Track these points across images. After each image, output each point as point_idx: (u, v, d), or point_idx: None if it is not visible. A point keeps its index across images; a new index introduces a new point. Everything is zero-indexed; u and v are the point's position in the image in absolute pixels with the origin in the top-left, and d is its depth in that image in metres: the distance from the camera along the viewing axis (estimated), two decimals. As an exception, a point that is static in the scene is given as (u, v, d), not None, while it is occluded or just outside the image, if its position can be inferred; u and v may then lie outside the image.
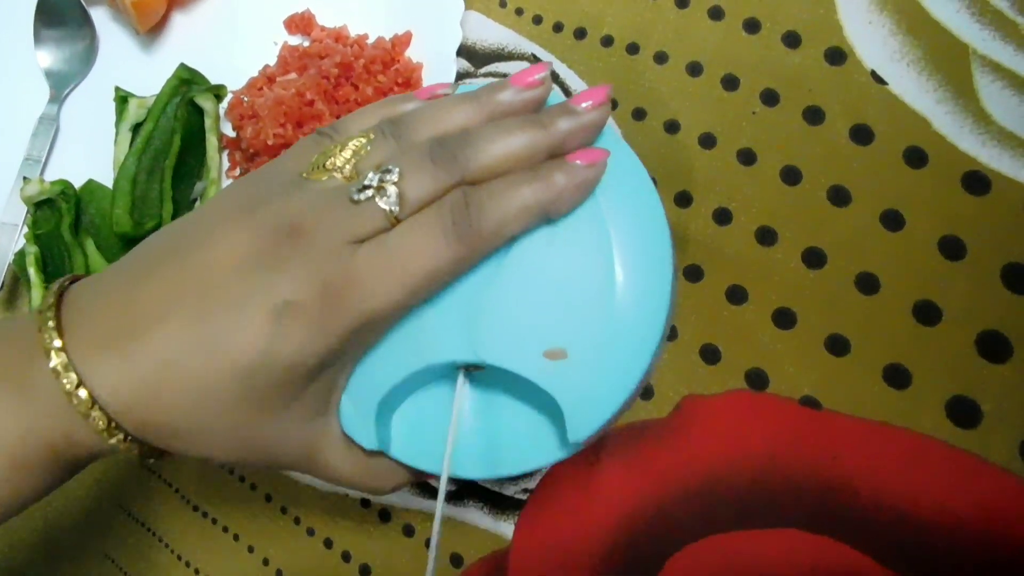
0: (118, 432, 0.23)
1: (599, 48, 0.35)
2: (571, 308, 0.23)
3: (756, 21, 0.32)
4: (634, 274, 0.23)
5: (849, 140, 0.30)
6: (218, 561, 0.40)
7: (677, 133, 0.33)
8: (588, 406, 0.23)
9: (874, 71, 0.30)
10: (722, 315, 0.30)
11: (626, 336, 0.23)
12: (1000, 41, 0.28)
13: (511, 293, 0.23)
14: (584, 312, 0.23)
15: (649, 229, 0.24)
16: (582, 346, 0.23)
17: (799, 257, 0.30)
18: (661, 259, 0.23)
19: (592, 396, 0.23)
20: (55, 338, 0.22)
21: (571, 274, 0.23)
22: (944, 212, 0.28)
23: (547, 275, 0.23)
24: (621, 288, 0.23)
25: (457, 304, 0.24)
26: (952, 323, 0.27)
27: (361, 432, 0.25)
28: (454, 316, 0.24)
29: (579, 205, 0.23)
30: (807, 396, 0.28)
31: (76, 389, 0.22)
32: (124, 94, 0.43)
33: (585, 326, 0.23)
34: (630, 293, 0.23)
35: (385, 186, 0.22)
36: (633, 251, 0.23)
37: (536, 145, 0.23)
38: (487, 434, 0.25)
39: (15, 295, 0.48)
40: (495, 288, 0.23)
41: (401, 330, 0.24)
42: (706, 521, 0.28)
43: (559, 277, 0.23)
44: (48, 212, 0.42)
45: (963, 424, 0.26)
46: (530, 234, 0.24)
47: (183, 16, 0.46)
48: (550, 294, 0.23)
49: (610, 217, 0.23)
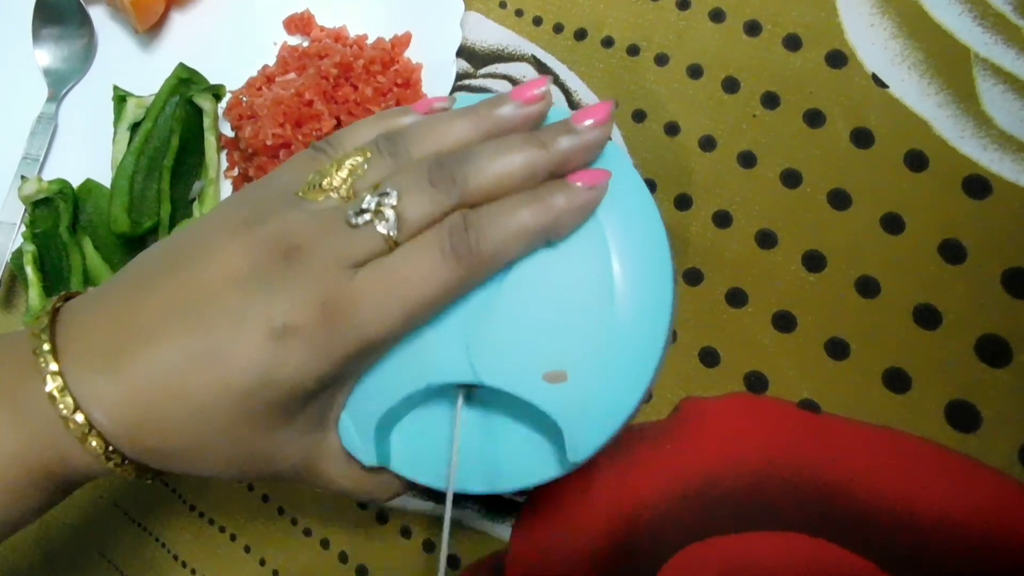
0: (115, 456, 0.22)
1: (600, 49, 0.35)
2: (571, 329, 0.23)
3: (757, 23, 0.32)
4: (635, 295, 0.23)
5: (850, 143, 0.30)
6: (215, 562, 0.40)
7: (677, 135, 0.33)
8: (588, 427, 0.23)
9: (875, 74, 0.30)
10: (722, 318, 0.30)
11: (626, 358, 0.23)
12: (1002, 45, 0.28)
13: (511, 314, 0.23)
14: (584, 333, 0.23)
15: (650, 248, 0.23)
16: (582, 367, 0.23)
17: (799, 260, 0.30)
18: (662, 281, 0.23)
19: (592, 417, 0.23)
20: (50, 361, 0.22)
21: (571, 294, 0.23)
22: (945, 216, 0.28)
23: (547, 295, 0.23)
24: (622, 307, 0.23)
25: (457, 325, 0.23)
26: (952, 327, 0.27)
27: (361, 450, 0.25)
28: (454, 337, 0.23)
29: (580, 226, 0.23)
30: (806, 399, 0.28)
31: (73, 414, 0.21)
32: (123, 93, 0.43)
33: (585, 347, 0.23)
34: (630, 314, 0.23)
35: (383, 210, 0.22)
36: (634, 272, 0.23)
37: (536, 164, 0.23)
38: (486, 450, 0.25)
39: (13, 294, 0.47)
40: (494, 309, 0.23)
41: (401, 350, 0.24)
42: (704, 524, 0.28)
43: (559, 297, 0.23)
44: (46, 211, 0.42)
45: (962, 428, 0.26)
46: (530, 255, 0.23)
47: (182, 15, 0.46)
48: (550, 315, 0.23)
49: (611, 236, 0.23)
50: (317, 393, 0.23)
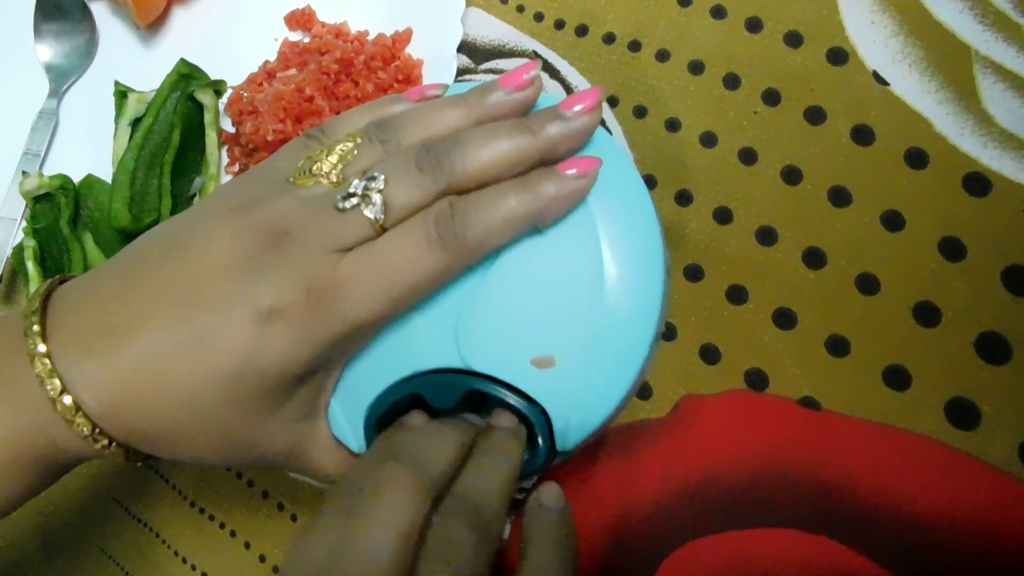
0: (102, 438, 0.22)
1: (601, 45, 0.35)
2: (560, 315, 0.23)
3: (758, 20, 0.32)
4: (624, 281, 0.23)
5: (850, 140, 0.30)
6: (215, 557, 0.40)
7: (678, 131, 0.33)
8: (577, 414, 0.23)
9: (876, 72, 0.30)
10: (722, 315, 0.30)
11: (615, 344, 0.23)
12: (1003, 43, 0.28)
13: (499, 300, 0.23)
14: (573, 319, 0.23)
15: (640, 234, 0.23)
16: (571, 354, 0.23)
17: (799, 257, 0.30)
18: (652, 266, 0.23)
19: (581, 405, 0.23)
20: (39, 343, 0.22)
21: (560, 281, 0.23)
22: (945, 213, 0.28)
23: (536, 282, 0.23)
24: (611, 295, 0.23)
25: (445, 310, 0.23)
26: (952, 324, 0.27)
27: (350, 437, 0.25)
28: (442, 323, 0.23)
29: (569, 214, 0.23)
30: (807, 396, 0.28)
31: (60, 395, 0.22)
32: (123, 89, 0.43)
33: (574, 334, 0.23)
34: (620, 300, 0.23)
35: (370, 194, 0.22)
36: (624, 258, 0.23)
37: (524, 151, 0.23)
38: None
39: (13, 289, 0.47)
40: (483, 295, 0.23)
41: (389, 336, 0.24)
42: (705, 520, 0.28)
43: (548, 284, 0.23)
44: (47, 206, 0.42)
45: (962, 425, 0.26)
46: (519, 241, 0.23)
47: (183, 11, 0.46)
48: (538, 301, 0.23)
49: (601, 223, 0.23)
50: (304, 378, 0.23)
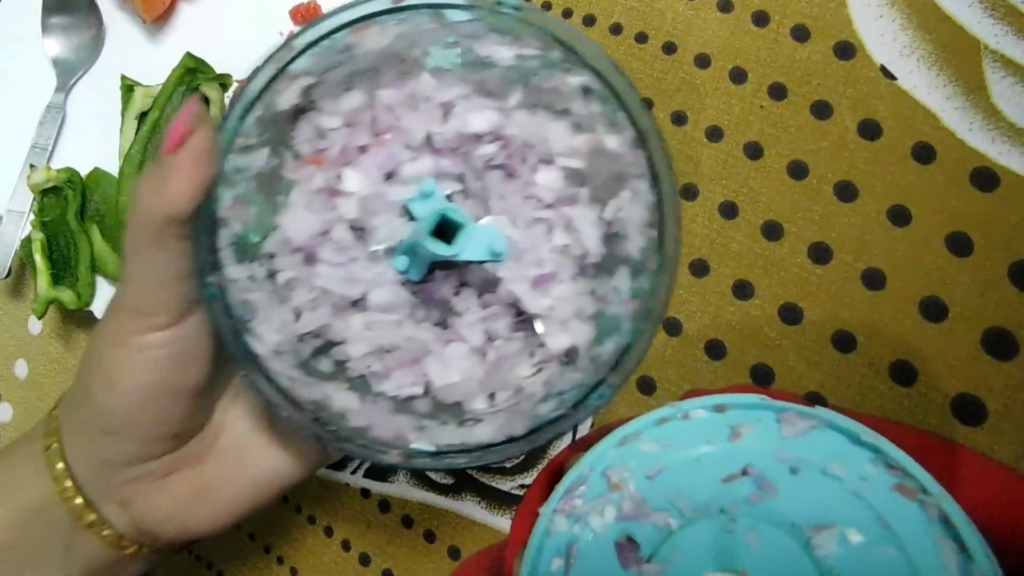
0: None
1: (608, 36, 0.35)
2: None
3: (765, 14, 0.32)
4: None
5: (857, 135, 0.30)
6: (226, 554, 0.40)
7: (684, 125, 0.33)
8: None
9: (883, 66, 0.30)
10: (728, 310, 0.30)
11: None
12: (1012, 37, 0.28)
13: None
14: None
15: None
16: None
17: (805, 252, 0.29)
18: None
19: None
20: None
21: None
22: (952, 208, 0.28)
23: None
24: None
25: None
26: (958, 320, 0.27)
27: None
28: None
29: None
30: (812, 392, 0.28)
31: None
32: (130, 83, 0.43)
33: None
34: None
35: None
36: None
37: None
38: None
39: (22, 282, 0.48)
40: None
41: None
42: (708, 516, 0.28)
43: None
44: (54, 200, 0.42)
45: (968, 421, 0.26)
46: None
47: (189, 5, 0.46)
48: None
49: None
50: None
